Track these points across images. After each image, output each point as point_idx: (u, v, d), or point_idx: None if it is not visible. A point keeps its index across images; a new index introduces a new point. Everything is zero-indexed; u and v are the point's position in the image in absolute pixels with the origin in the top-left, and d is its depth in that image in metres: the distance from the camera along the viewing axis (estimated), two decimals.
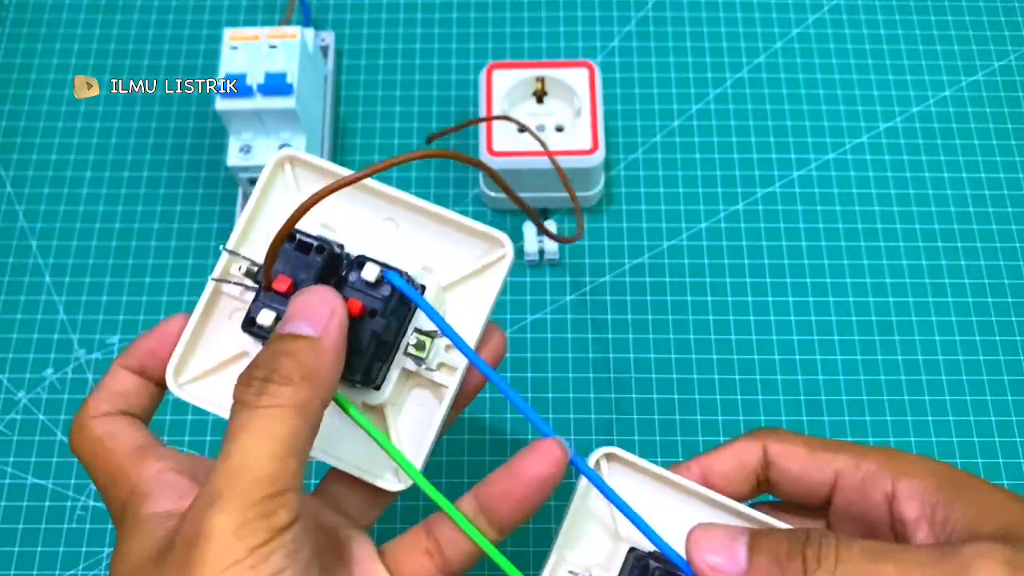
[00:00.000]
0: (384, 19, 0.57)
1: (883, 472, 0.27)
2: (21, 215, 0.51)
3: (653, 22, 0.56)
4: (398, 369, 0.29)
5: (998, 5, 0.57)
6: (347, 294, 0.27)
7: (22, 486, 0.45)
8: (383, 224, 0.31)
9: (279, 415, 0.24)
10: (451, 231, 0.30)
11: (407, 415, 0.30)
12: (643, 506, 0.28)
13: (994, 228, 0.51)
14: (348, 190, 0.28)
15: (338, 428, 0.29)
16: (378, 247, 0.29)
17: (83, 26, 0.56)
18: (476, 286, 0.30)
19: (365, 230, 0.30)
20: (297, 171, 0.31)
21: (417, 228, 0.30)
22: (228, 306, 0.31)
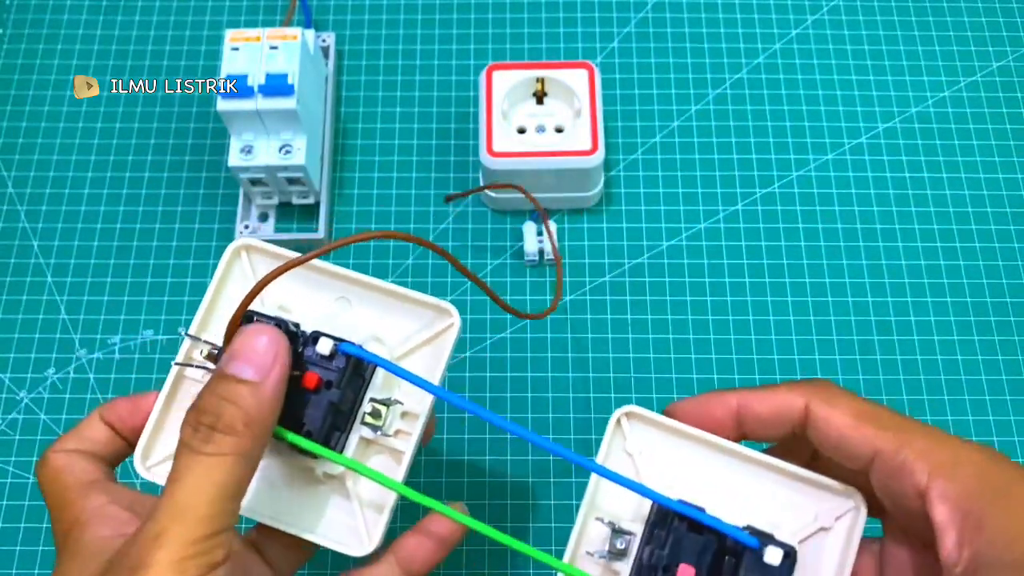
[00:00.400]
0: (385, 20, 0.57)
1: (921, 464, 0.26)
2: (23, 216, 0.51)
3: (652, 23, 0.56)
4: (356, 437, 0.30)
5: (996, 6, 0.57)
6: (303, 368, 0.29)
7: (24, 485, 0.45)
8: (336, 303, 0.32)
9: (222, 463, 0.25)
10: (401, 304, 0.32)
11: (366, 481, 0.31)
12: (666, 459, 0.30)
13: (992, 228, 0.51)
14: (301, 272, 0.30)
15: (292, 497, 0.31)
16: (332, 324, 0.30)
17: (84, 27, 0.57)
18: (428, 353, 0.32)
19: (319, 309, 0.32)
20: (253, 258, 0.33)
21: (368, 304, 0.32)
22: (192, 389, 0.32)
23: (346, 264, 0.50)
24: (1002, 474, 0.25)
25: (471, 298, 0.49)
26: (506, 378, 0.47)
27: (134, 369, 0.48)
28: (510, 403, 0.47)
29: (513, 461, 0.46)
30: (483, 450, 0.46)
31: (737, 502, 0.29)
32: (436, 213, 0.51)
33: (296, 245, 0.50)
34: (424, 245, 0.32)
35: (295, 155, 0.46)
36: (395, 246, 0.50)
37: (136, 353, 0.48)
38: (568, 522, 0.44)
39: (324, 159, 0.51)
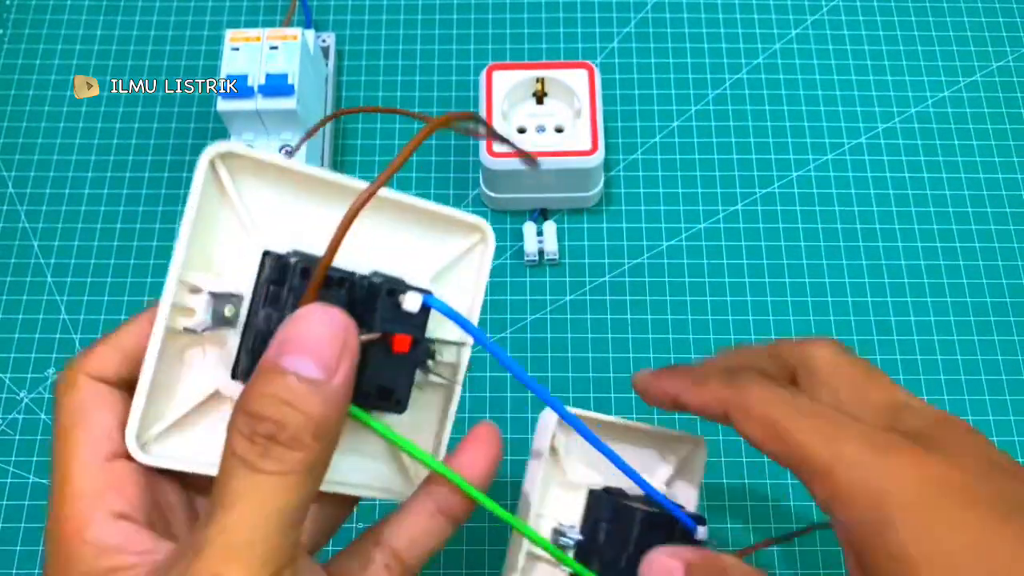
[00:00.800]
0: (385, 20, 0.57)
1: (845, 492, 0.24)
2: (23, 215, 0.51)
3: (652, 23, 0.56)
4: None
5: (996, 6, 0.57)
6: (382, 328, 0.24)
7: (24, 485, 0.45)
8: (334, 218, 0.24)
9: (287, 483, 0.20)
10: (419, 220, 0.28)
11: (416, 423, 0.28)
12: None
13: (992, 228, 0.51)
14: (294, 188, 0.25)
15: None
16: (355, 255, 0.25)
17: (85, 27, 0.57)
18: (460, 275, 0.29)
19: (323, 231, 0.24)
20: (235, 172, 0.26)
21: (380, 224, 0.27)
22: (178, 343, 0.25)
23: None
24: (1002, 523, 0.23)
25: None
26: (506, 378, 0.47)
27: None
28: (510, 403, 0.47)
29: None
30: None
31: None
32: None
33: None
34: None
35: (295, 155, 0.46)
36: None
37: None
38: None
39: (324, 159, 0.51)
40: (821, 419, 0.25)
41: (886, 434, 0.24)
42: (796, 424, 0.25)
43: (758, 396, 0.26)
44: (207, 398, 0.26)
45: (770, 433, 0.26)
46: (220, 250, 0.26)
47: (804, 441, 0.25)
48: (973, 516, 0.22)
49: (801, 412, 0.25)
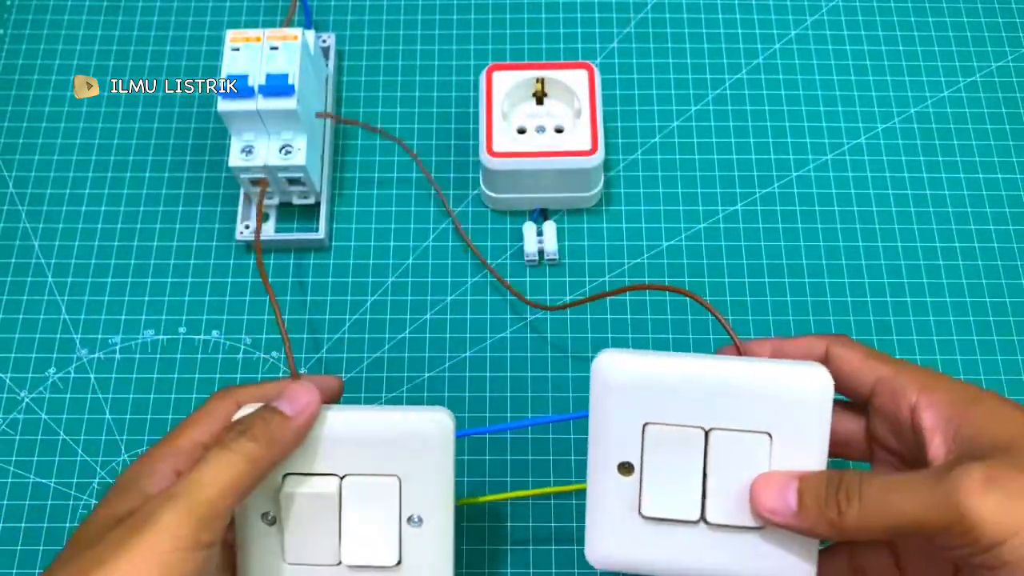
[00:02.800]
0: (385, 20, 0.57)
1: (912, 385, 0.31)
2: (24, 216, 0.51)
3: (652, 23, 0.56)
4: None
5: (995, 7, 0.57)
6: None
7: (24, 485, 0.45)
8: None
9: (235, 459, 0.31)
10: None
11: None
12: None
13: (991, 228, 0.51)
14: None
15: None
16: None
17: (85, 27, 0.57)
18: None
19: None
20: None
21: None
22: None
23: (346, 263, 0.50)
24: (971, 391, 0.31)
25: (471, 298, 0.49)
26: (506, 378, 0.47)
27: (135, 369, 0.48)
28: (510, 403, 0.47)
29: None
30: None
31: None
32: (436, 213, 0.51)
33: (296, 245, 0.50)
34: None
35: (295, 155, 0.46)
36: (395, 246, 0.51)
37: (137, 353, 0.48)
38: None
39: (324, 159, 0.51)
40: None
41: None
42: (892, 362, 0.33)
43: (851, 339, 0.34)
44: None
45: (876, 360, 0.33)
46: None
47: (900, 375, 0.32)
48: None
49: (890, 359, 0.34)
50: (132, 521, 0.29)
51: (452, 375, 0.48)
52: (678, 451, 0.33)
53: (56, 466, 0.46)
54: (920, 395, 0.31)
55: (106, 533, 0.29)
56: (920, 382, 0.31)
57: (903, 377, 0.32)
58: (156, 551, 0.28)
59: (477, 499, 0.42)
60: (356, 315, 0.49)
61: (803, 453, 0.32)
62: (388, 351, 0.48)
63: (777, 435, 0.32)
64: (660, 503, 0.33)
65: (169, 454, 0.33)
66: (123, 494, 0.31)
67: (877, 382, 0.32)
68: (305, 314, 0.49)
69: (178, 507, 0.29)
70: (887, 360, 0.33)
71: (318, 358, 0.48)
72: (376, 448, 0.34)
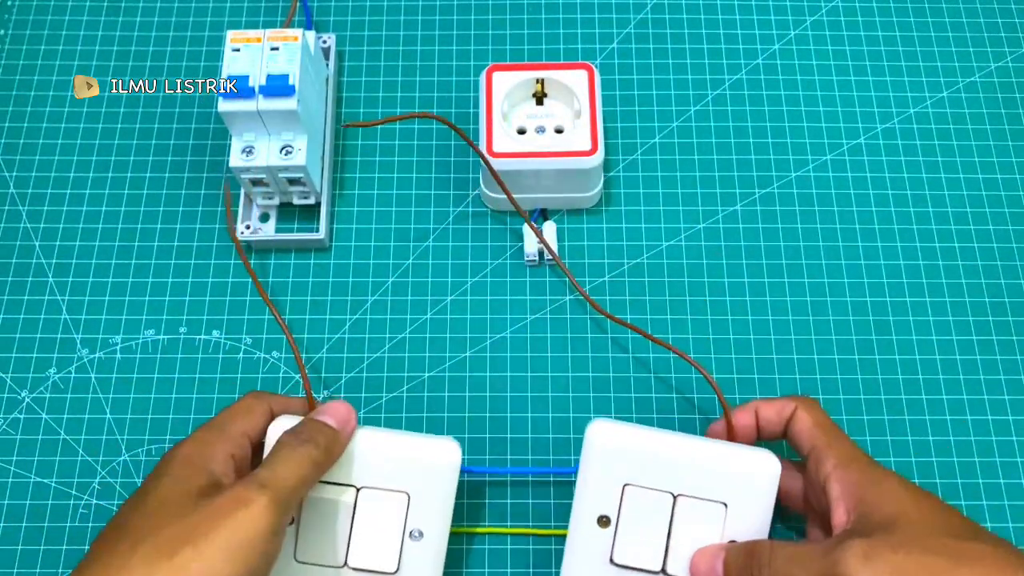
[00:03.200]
0: (385, 21, 0.57)
1: (831, 459, 0.38)
2: (25, 216, 0.52)
3: (652, 24, 0.57)
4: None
5: (995, 7, 0.57)
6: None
7: (25, 484, 0.46)
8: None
9: (307, 459, 0.36)
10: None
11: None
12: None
13: (991, 229, 0.51)
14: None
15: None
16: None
17: (86, 28, 0.57)
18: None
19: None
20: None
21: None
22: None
23: (346, 263, 0.50)
24: (877, 473, 0.37)
25: (471, 298, 0.49)
26: (506, 378, 0.47)
27: (135, 369, 0.48)
28: (510, 403, 0.47)
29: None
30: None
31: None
32: (436, 213, 0.52)
33: (296, 245, 0.50)
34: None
35: (296, 156, 0.46)
36: (395, 247, 0.51)
37: (137, 353, 0.48)
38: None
39: (325, 159, 0.51)
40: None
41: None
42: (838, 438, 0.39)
43: (818, 405, 0.41)
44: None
45: (820, 430, 0.39)
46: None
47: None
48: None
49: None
50: (224, 502, 0.34)
51: (452, 375, 0.48)
52: (650, 510, 0.39)
53: (57, 466, 0.46)
54: (834, 469, 0.37)
55: (191, 506, 0.34)
56: (839, 457, 0.37)
57: (829, 450, 0.38)
58: (251, 530, 0.33)
59: (463, 529, 0.45)
60: (356, 315, 0.49)
61: (750, 522, 0.38)
62: (388, 351, 0.48)
63: (731, 505, 0.38)
64: (629, 553, 0.39)
65: (220, 439, 0.37)
66: (189, 470, 0.35)
67: (811, 449, 0.39)
68: (305, 314, 0.49)
69: (268, 496, 0.34)
70: (827, 431, 0.39)
71: (318, 358, 0.48)
72: (391, 466, 0.39)
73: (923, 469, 0.45)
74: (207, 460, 0.36)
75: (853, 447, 0.38)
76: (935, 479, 0.45)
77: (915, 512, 0.35)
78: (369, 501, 0.39)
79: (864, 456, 0.38)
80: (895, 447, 0.46)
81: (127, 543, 0.33)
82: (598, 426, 0.39)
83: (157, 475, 0.36)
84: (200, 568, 0.32)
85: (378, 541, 0.39)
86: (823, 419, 0.40)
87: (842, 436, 0.39)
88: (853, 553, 0.33)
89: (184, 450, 0.37)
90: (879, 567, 0.32)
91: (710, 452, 0.39)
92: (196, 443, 0.37)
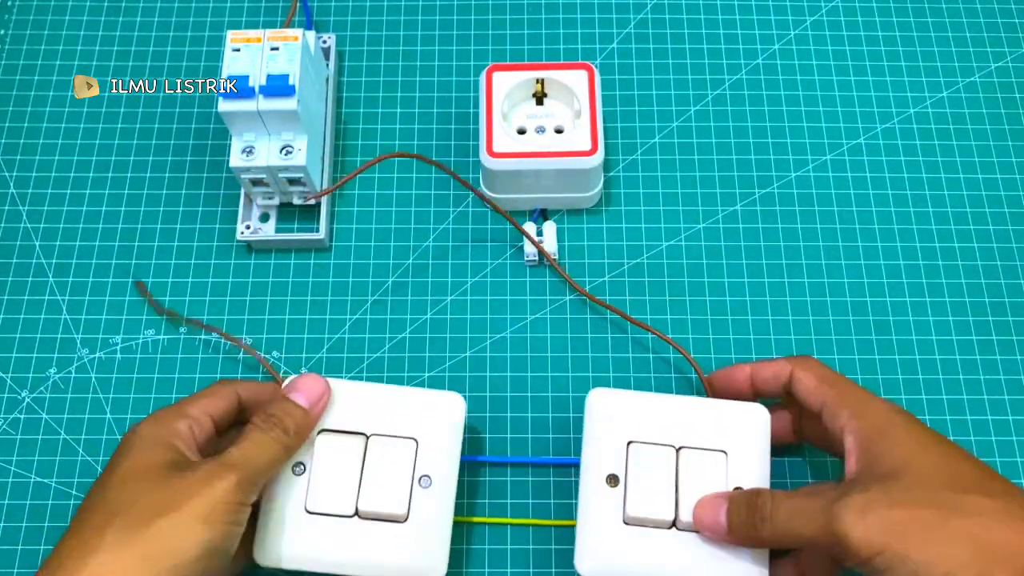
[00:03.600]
0: (385, 21, 0.57)
1: (845, 412, 0.38)
2: (25, 216, 0.52)
3: (652, 24, 0.57)
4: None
5: (995, 7, 0.57)
6: None
7: (25, 484, 0.46)
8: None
9: (274, 444, 0.38)
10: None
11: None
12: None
13: (990, 229, 0.51)
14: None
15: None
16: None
17: (86, 28, 0.57)
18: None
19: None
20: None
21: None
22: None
23: (346, 263, 0.50)
24: (888, 417, 0.37)
25: (471, 298, 0.49)
26: (506, 378, 0.48)
27: (136, 369, 0.48)
28: (510, 403, 0.47)
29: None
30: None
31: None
32: (436, 213, 0.52)
33: (297, 245, 0.50)
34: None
35: (296, 156, 0.46)
36: (395, 246, 0.51)
37: (138, 353, 0.48)
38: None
39: (325, 159, 0.51)
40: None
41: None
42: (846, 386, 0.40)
43: (816, 360, 0.41)
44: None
45: (826, 384, 0.39)
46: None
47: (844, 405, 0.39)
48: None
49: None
50: (194, 477, 0.36)
51: (452, 375, 0.48)
52: (655, 464, 0.40)
53: (57, 466, 0.46)
54: (848, 421, 0.38)
55: (162, 480, 0.36)
56: (851, 408, 0.38)
57: (840, 404, 0.38)
58: (218, 504, 0.35)
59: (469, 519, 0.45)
60: (356, 315, 0.49)
61: (750, 467, 0.40)
62: (388, 351, 0.48)
63: (731, 453, 0.40)
64: (641, 506, 0.39)
65: (181, 416, 0.39)
66: (155, 446, 0.37)
67: (823, 406, 0.39)
68: (305, 314, 0.49)
69: (235, 476, 0.36)
70: (833, 384, 0.39)
71: (318, 358, 0.48)
72: (399, 416, 0.41)
73: None
74: (171, 436, 0.38)
75: (863, 394, 0.39)
76: None
77: (919, 462, 0.35)
78: (379, 447, 0.41)
79: (875, 402, 0.38)
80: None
81: (101, 516, 0.35)
82: (598, 392, 0.42)
83: (123, 452, 0.37)
84: (173, 537, 0.34)
85: (388, 487, 0.40)
86: (826, 373, 0.40)
87: (850, 385, 0.39)
88: (850, 509, 0.33)
89: (147, 428, 0.38)
90: (873, 522, 0.33)
91: (705, 407, 0.41)
92: (158, 421, 0.38)
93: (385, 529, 0.40)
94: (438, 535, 0.40)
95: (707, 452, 0.40)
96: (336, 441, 0.41)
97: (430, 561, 0.40)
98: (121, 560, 0.33)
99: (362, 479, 0.40)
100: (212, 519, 0.35)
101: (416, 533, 0.40)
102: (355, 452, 0.40)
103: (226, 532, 0.36)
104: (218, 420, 0.40)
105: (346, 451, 0.40)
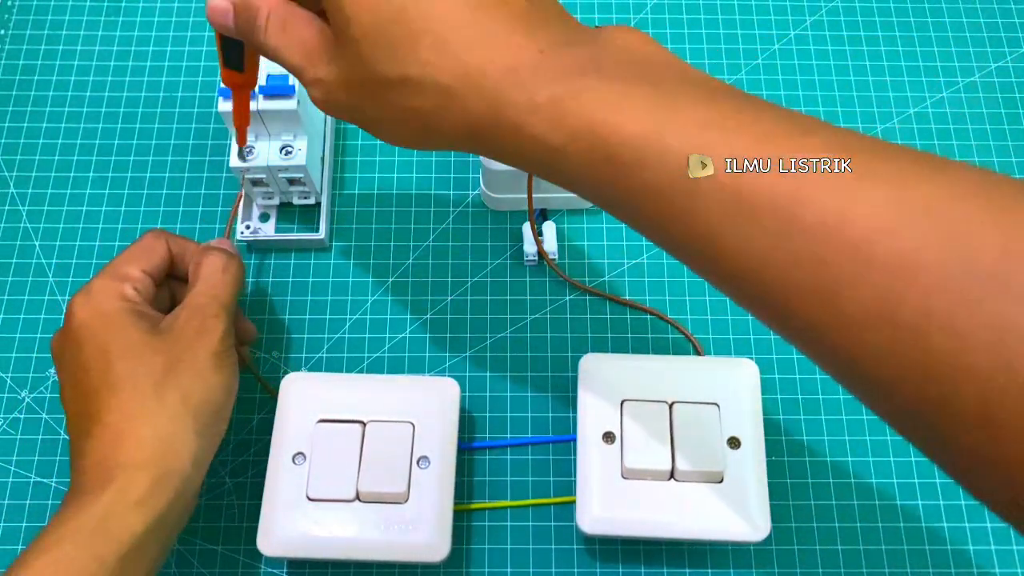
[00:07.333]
0: None
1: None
2: (25, 216, 0.52)
3: (652, 24, 0.57)
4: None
5: (995, 7, 0.57)
6: None
7: (26, 484, 0.46)
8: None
9: (236, 277, 0.42)
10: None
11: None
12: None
13: None
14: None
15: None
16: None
17: (86, 28, 0.57)
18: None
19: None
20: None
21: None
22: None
23: (346, 263, 0.50)
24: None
25: (471, 298, 0.49)
26: (506, 378, 0.48)
27: None
28: (510, 403, 0.47)
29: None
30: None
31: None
32: (436, 213, 0.52)
33: (296, 245, 0.50)
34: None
35: (296, 156, 0.46)
36: (395, 247, 0.51)
37: None
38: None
39: (325, 159, 0.51)
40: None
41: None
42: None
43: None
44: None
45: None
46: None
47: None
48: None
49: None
50: (190, 323, 0.39)
51: (452, 375, 0.48)
52: (650, 420, 0.41)
53: (57, 466, 0.46)
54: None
55: (155, 343, 0.38)
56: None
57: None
58: (225, 341, 0.39)
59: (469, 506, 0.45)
60: (356, 315, 0.49)
61: (743, 419, 0.41)
62: (388, 351, 0.48)
63: (724, 406, 0.42)
64: (638, 459, 0.40)
65: (126, 279, 0.40)
66: (126, 318, 0.38)
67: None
68: (305, 314, 0.49)
69: (221, 307, 0.40)
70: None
71: (318, 358, 0.48)
72: (396, 402, 0.42)
73: (925, 467, 0.46)
74: (132, 304, 0.39)
75: None
76: (935, 479, 0.45)
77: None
78: (376, 432, 0.42)
79: None
80: (895, 446, 0.46)
81: (126, 391, 0.37)
82: (590, 356, 0.43)
83: (90, 337, 0.38)
84: (199, 389, 0.38)
85: (387, 469, 0.41)
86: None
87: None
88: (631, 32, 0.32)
89: (101, 303, 0.39)
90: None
91: (695, 364, 0.43)
92: (103, 282, 0.40)
93: (386, 510, 0.40)
94: (439, 513, 0.41)
95: (700, 406, 0.42)
96: (334, 429, 0.42)
97: (433, 539, 0.40)
98: (171, 411, 0.37)
99: (361, 463, 0.41)
100: (222, 354, 0.39)
101: (417, 512, 0.40)
102: (353, 439, 0.42)
103: (232, 369, 0.39)
104: (156, 277, 0.42)
105: (344, 438, 0.41)
